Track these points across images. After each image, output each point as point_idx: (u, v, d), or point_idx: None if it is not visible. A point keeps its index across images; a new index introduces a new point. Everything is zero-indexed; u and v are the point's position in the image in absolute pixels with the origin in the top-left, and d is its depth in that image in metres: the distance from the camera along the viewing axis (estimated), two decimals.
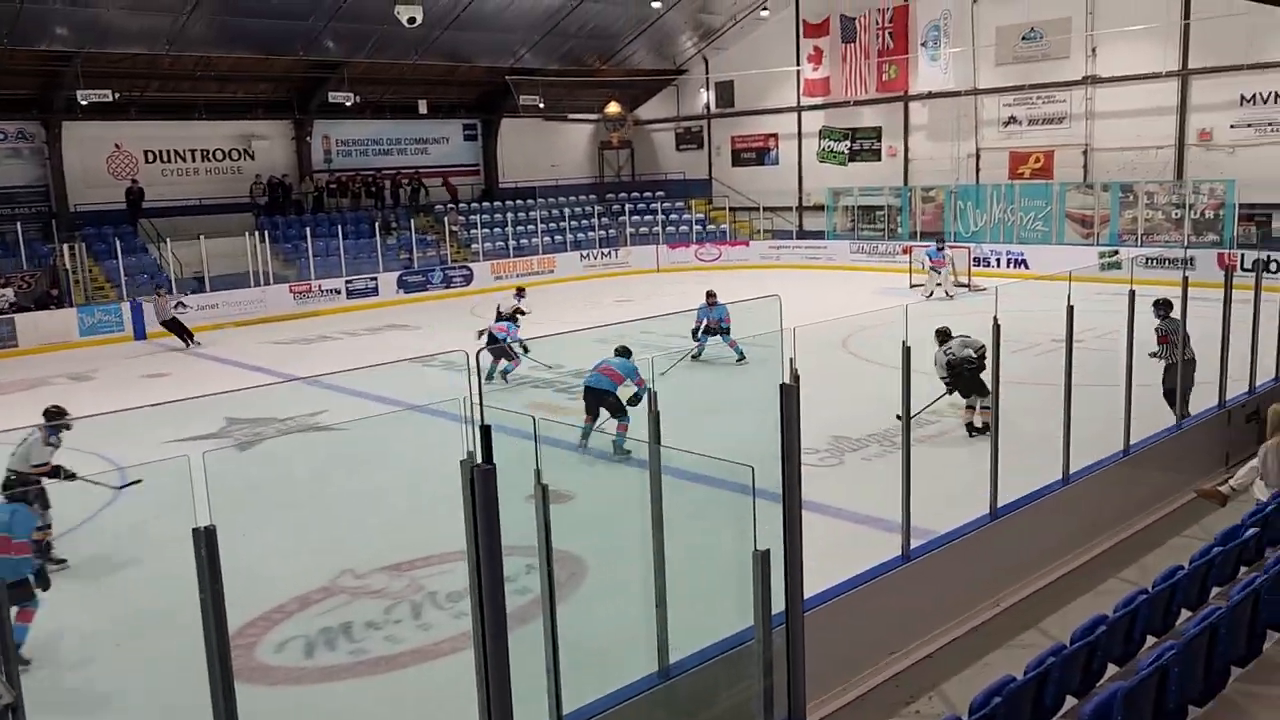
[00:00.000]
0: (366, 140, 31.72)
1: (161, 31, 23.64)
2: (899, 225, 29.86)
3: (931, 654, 6.73)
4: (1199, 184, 24.45)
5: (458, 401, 4.12)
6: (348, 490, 10.41)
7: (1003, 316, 7.56)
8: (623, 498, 8.28)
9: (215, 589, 3.26)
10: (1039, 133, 27.45)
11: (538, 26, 28.86)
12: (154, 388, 17.20)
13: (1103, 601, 6.77)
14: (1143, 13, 24.46)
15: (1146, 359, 9.11)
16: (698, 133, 35.78)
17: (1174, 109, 24.91)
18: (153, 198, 26.90)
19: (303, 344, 21.15)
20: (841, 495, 9.53)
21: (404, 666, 6.95)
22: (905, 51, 29.27)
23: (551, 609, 4.34)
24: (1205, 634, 4.30)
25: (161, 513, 4.32)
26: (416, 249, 28.80)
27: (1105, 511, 8.58)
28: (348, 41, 26.80)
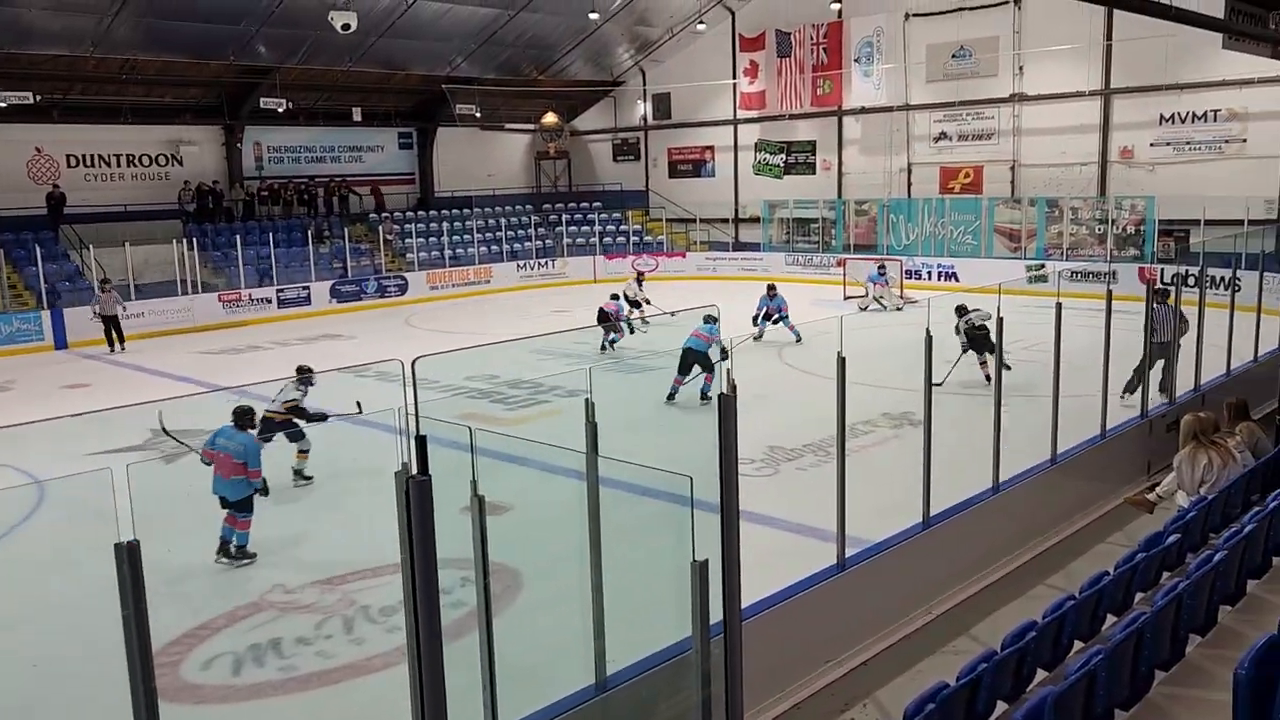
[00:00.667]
0: (299, 147, 31.22)
1: (85, 33, 23.02)
2: (833, 238, 30.28)
3: (866, 662, 6.79)
4: (1121, 200, 25.22)
5: (392, 412, 4.06)
6: (278, 502, 10.18)
7: (934, 328, 7.69)
8: (560, 509, 8.23)
9: (138, 606, 3.15)
10: (968, 148, 28.06)
11: (474, 35, 28.72)
12: (75, 398, 16.68)
13: (1032, 607, 6.90)
14: (1067, 33, 25.18)
15: (1074, 369, 9.34)
16: (635, 144, 35.90)
17: (1097, 127, 25.68)
18: (75, 203, 26.10)
19: (232, 354, 20.71)
20: (777, 505, 9.60)
21: (336, 682, 6.82)
22: (839, 67, 29.74)
23: (487, 622, 4.29)
24: (1131, 639, 4.40)
25: (82, 527, 4.18)
26: (350, 258, 28.41)
27: (1034, 519, 8.77)
28: (280, 47, 26.38)
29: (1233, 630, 5.14)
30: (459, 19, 27.45)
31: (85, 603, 7.42)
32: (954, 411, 10.24)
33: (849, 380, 6.85)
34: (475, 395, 15.24)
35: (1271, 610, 5.14)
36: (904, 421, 12.21)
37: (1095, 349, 10.10)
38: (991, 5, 26.52)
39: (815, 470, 10.77)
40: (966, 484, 8.31)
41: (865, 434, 11.84)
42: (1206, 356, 11.47)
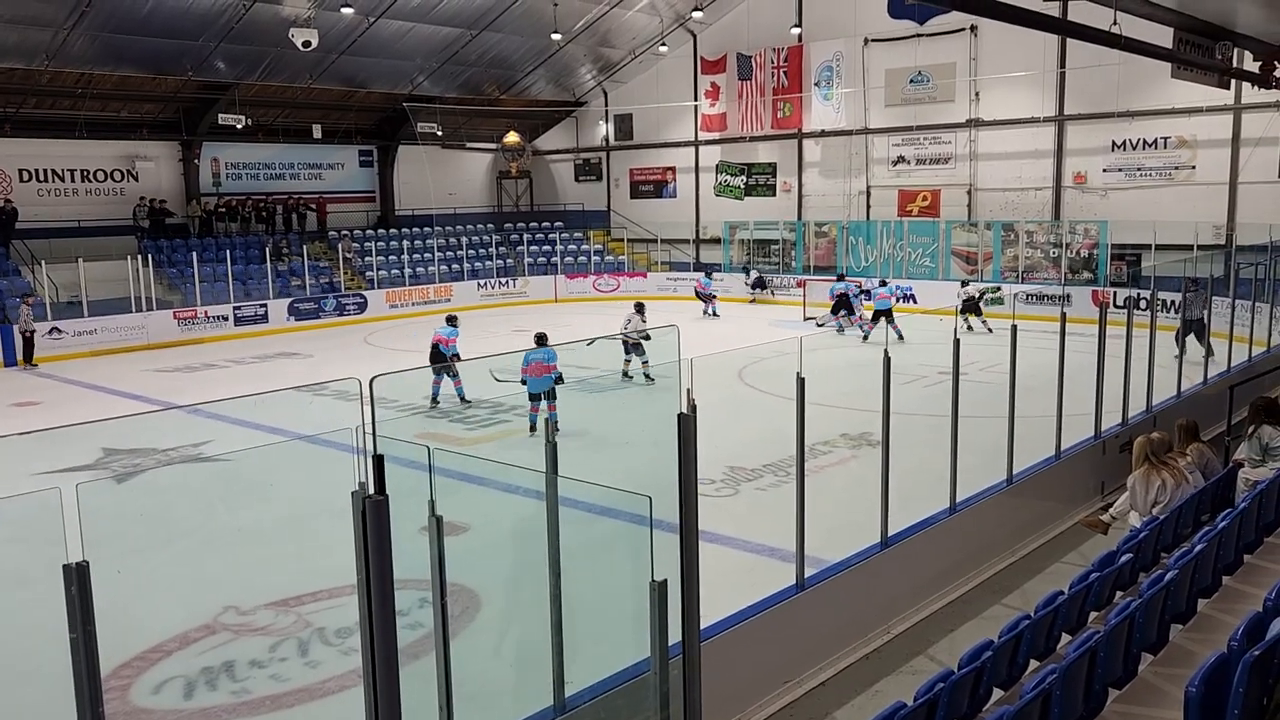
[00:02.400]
0: (258, 164, 30.95)
1: (40, 46, 22.69)
2: (793, 259, 30.51)
3: (825, 681, 6.81)
4: (1075, 224, 25.69)
5: (349, 431, 4.02)
6: (232, 524, 10.04)
7: (892, 349, 7.77)
8: (518, 529, 8.19)
9: (87, 629, 3.08)
10: (926, 172, 28.47)
11: (436, 54, 28.70)
12: (24, 416, 16.34)
13: (988, 627, 6.97)
14: (1022, 61, 25.68)
15: (1029, 390, 9.47)
16: (596, 164, 36.01)
17: (1051, 153, 26.17)
18: (27, 218, 25.63)
19: (187, 372, 20.40)
20: (736, 525, 9.61)
21: (290, 706, 6.71)
22: (799, 90, 30.06)
23: (444, 643, 4.24)
24: (1085, 657, 4.45)
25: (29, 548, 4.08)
26: (309, 276, 28.15)
27: (990, 539, 8.86)
28: (240, 63, 26.17)
29: (1184, 649, 5.22)
30: (421, 37, 27.42)
31: (32, 625, 7.25)
32: (912, 432, 10.32)
33: (808, 401, 6.89)
34: (434, 415, 15.15)
35: (1221, 629, 5.22)
36: (862, 442, 12.29)
37: (1049, 370, 10.26)
38: (948, 32, 26.99)
39: (775, 490, 10.81)
40: (924, 504, 8.38)
41: (824, 454, 11.91)
42: (1157, 377, 11.69)
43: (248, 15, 23.46)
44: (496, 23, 27.57)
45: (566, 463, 5.35)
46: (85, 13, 21.72)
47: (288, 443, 10.97)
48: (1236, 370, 13.90)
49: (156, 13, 22.62)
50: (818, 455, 11.51)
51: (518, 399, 14.56)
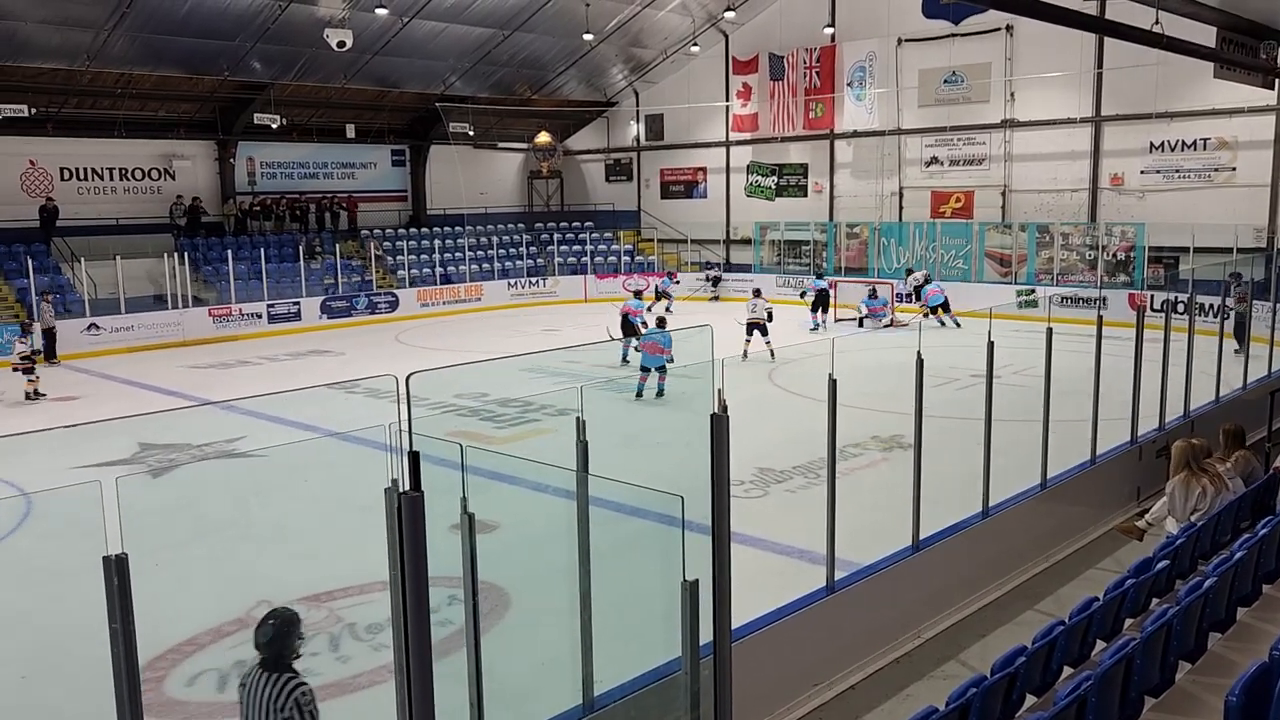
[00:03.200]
0: (292, 163, 31.24)
1: (82, 47, 23.03)
2: (824, 260, 30.37)
3: (855, 685, 6.77)
4: (1111, 227, 25.38)
5: (383, 428, 4.05)
6: (265, 519, 10.13)
7: (925, 351, 7.71)
8: (548, 528, 8.21)
9: (126, 620, 3.12)
10: (960, 173, 28.24)
11: (468, 54, 28.84)
12: (64, 411, 16.59)
13: (1021, 632, 6.90)
14: (1058, 61, 25.41)
15: (1063, 394, 9.36)
16: (627, 164, 36.02)
17: (1088, 154, 25.87)
18: (68, 216, 26.05)
19: (221, 369, 20.63)
20: (766, 527, 9.58)
21: (321, 700, 6.72)
22: (831, 91, 29.93)
23: (475, 641, 4.26)
24: (1121, 665, 4.39)
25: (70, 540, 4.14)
26: (341, 274, 28.38)
27: (1023, 544, 8.77)
28: (275, 63, 26.43)
29: (1223, 657, 5.14)
30: (454, 38, 27.57)
31: (72, 615, 7.37)
32: (944, 435, 10.24)
33: (839, 402, 6.85)
34: (465, 413, 15.22)
35: (1262, 638, 5.14)
36: (894, 444, 12.21)
37: (1085, 374, 10.14)
38: (984, 32, 26.75)
39: (804, 492, 10.76)
40: (956, 508, 8.30)
41: (855, 456, 11.84)
42: (1196, 384, 11.53)
43: (283, 16, 23.69)
44: (529, 23, 27.65)
45: (595, 463, 5.36)
46: (125, 14, 22.02)
47: (320, 439, 11.06)
48: (1277, 375, 13.67)
49: (194, 14, 22.90)
50: (848, 457, 11.45)
51: (548, 399, 14.60)
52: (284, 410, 14.97)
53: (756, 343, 19.12)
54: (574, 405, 5.44)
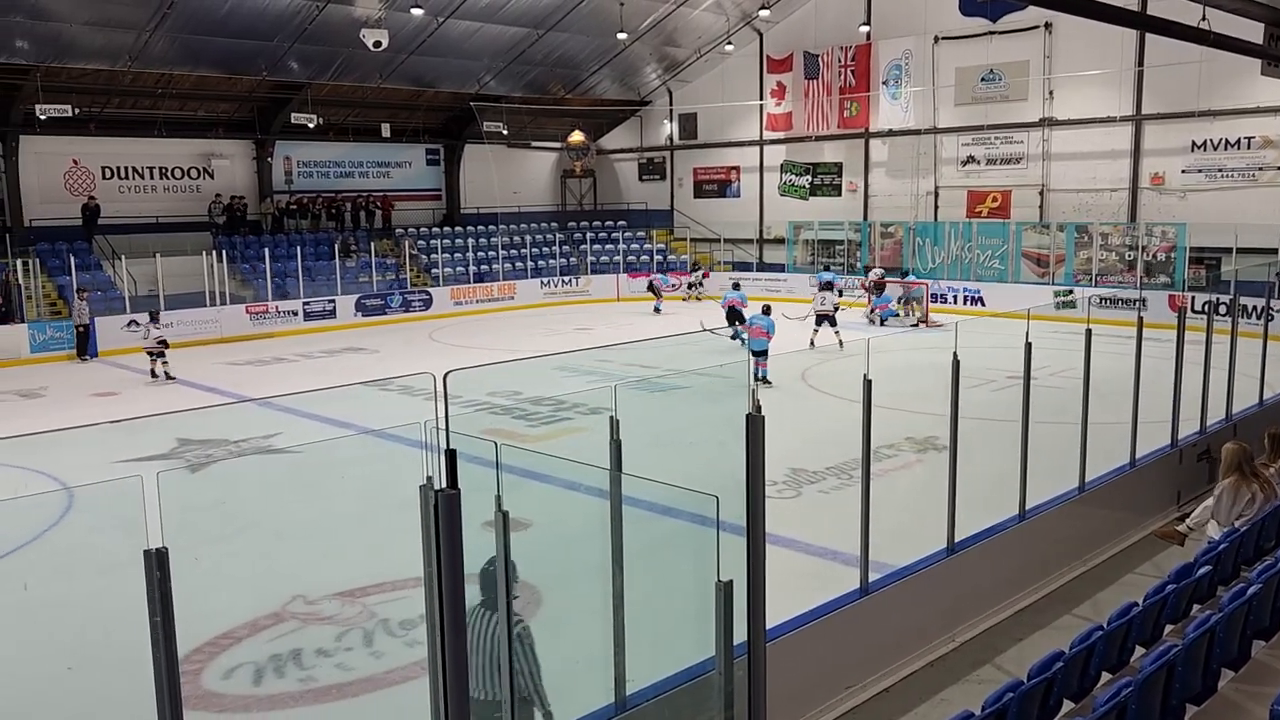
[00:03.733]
0: (328, 162, 31.53)
1: (123, 48, 23.38)
2: (858, 260, 30.19)
3: (889, 688, 6.72)
4: (1152, 227, 25.02)
5: (418, 426, 4.06)
6: (300, 514, 10.23)
7: (960, 352, 7.63)
8: (580, 527, 8.22)
9: (166, 613, 3.16)
10: (997, 172, 27.96)
11: (503, 54, 28.95)
12: (104, 406, 16.84)
13: (1058, 637, 6.81)
14: (1098, 59, 25.09)
15: (1102, 396, 9.24)
16: (660, 163, 36.01)
17: (1128, 153, 25.52)
18: (109, 214, 26.48)
19: (257, 365, 20.86)
20: (799, 528, 9.53)
21: (355, 695, 6.81)
22: (867, 89, 29.74)
23: (509, 637, 4.26)
24: (1162, 671, 4.32)
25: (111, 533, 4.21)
26: (376, 273, 28.61)
27: (1060, 547, 8.66)
28: (312, 63, 26.69)
29: (1268, 665, 5.05)
30: (488, 37, 27.68)
31: (113, 607, 7.48)
32: (979, 437, 10.15)
33: (873, 403, 6.80)
34: (498, 411, 15.28)
35: None
36: (928, 446, 12.12)
37: (1124, 376, 10.00)
38: (1022, 29, 26.47)
39: (837, 493, 10.70)
40: (991, 510, 8.22)
41: (889, 457, 11.75)
42: (1238, 386, 11.33)
43: (320, 16, 23.91)
44: (563, 22, 27.72)
45: (627, 462, 5.35)
46: (166, 15, 22.33)
47: (355, 436, 11.15)
48: None
49: (234, 14, 23.17)
50: (882, 458, 11.37)
51: (580, 397, 14.64)
52: (319, 407, 15.11)
53: (825, 334, 20.17)
54: (606, 404, 5.44)
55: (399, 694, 6.66)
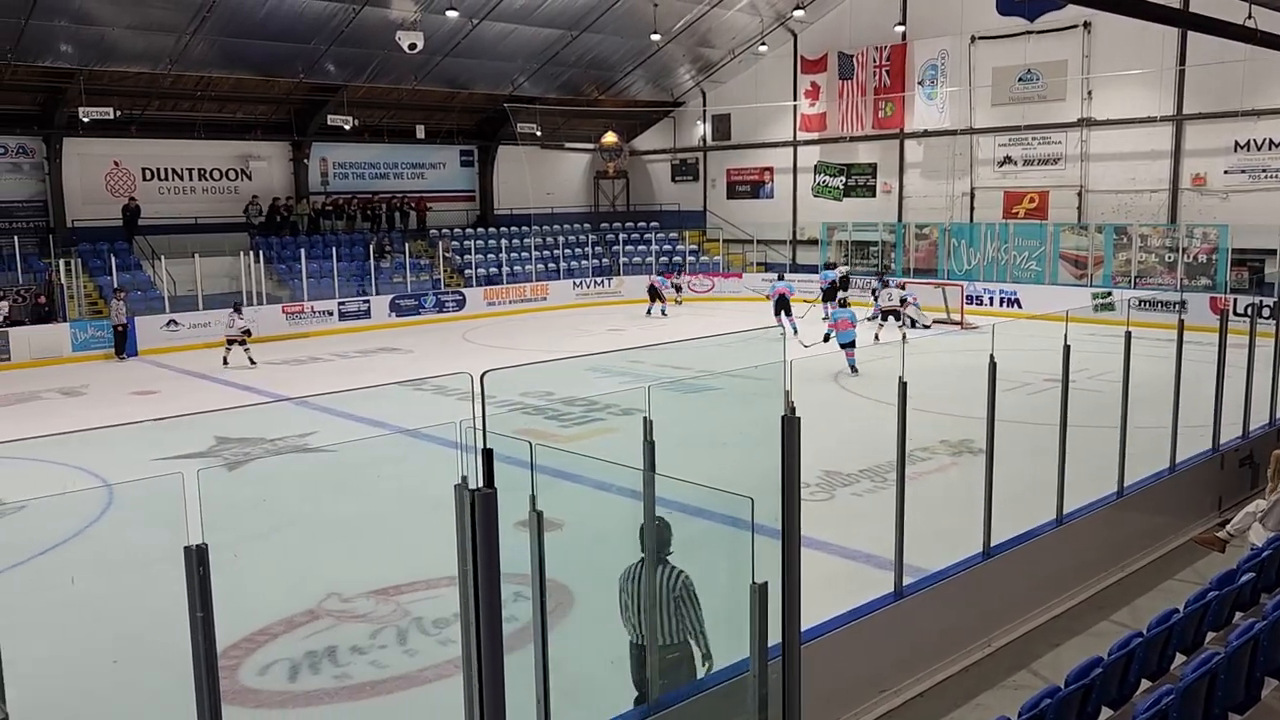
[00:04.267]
0: (363, 164, 31.79)
1: (164, 51, 23.72)
2: (893, 261, 29.99)
3: (923, 693, 6.66)
4: (1193, 228, 24.64)
5: (453, 425, 4.08)
6: (335, 513, 10.32)
7: (996, 355, 7.56)
8: (612, 528, 8.22)
9: (206, 608, 3.20)
10: (1034, 173, 27.66)
11: (537, 55, 29.05)
12: (143, 404, 17.09)
13: (1096, 643, 6.72)
14: (1138, 58, 24.75)
15: (1141, 400, 9.11)
16: (693, 164, 35.97)
17: (1168, 153, 25.16)
18: (149, 215, 26.87)
19: (293, 365, 21.07)
20: (832, 530, 9.47)
21: (389, 692, 6.86)
22: (902, 89, 29.54)
23: (543, 637, 4.27)
24: (1204, 679, 4.25)
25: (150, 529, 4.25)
26: (410, 273, 28.80)
27: (1098, 553, 8.55)
28: (349, 66, 26.92)
29: None
30: (523, 39, 27.79)
31: (151, 602, 7.58)
32: (1015, 440, 10.03)
33: (907, 406, 6.75)
34: (531, 411, 15.32)
35: None
36: (963, 449, 12.01)
37: (1164, 379, 9.86)
38: (1060, 29, 26.17)
39: (871, 496, 10.63)
40: (1028, 515, 8.13)
41: (923, 460, 11.66)
42: None
43: (357, 19, 24.12)
44: (597, 24, 27.77)
45: (659, 463, 5.35)
46: (206, 18, 22.62)
47: (389, 435, 11.23)
48: None
49: (272, 18, 23.43)
50: (916, 462, 11.27)
51: (612, 398, 14.66)
52: (354, 406, 15.24)
53: (889, 328, 21.36)
54: (638, 405, 5.43)
55: (433, 692, 6.70)
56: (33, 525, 8.64)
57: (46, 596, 7.89)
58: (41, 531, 8.80)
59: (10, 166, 25.37)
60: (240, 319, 21.56)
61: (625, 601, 5.43)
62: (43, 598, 7.86)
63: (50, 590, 8.16)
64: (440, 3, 23.62)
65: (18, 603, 7.64)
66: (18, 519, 8.61)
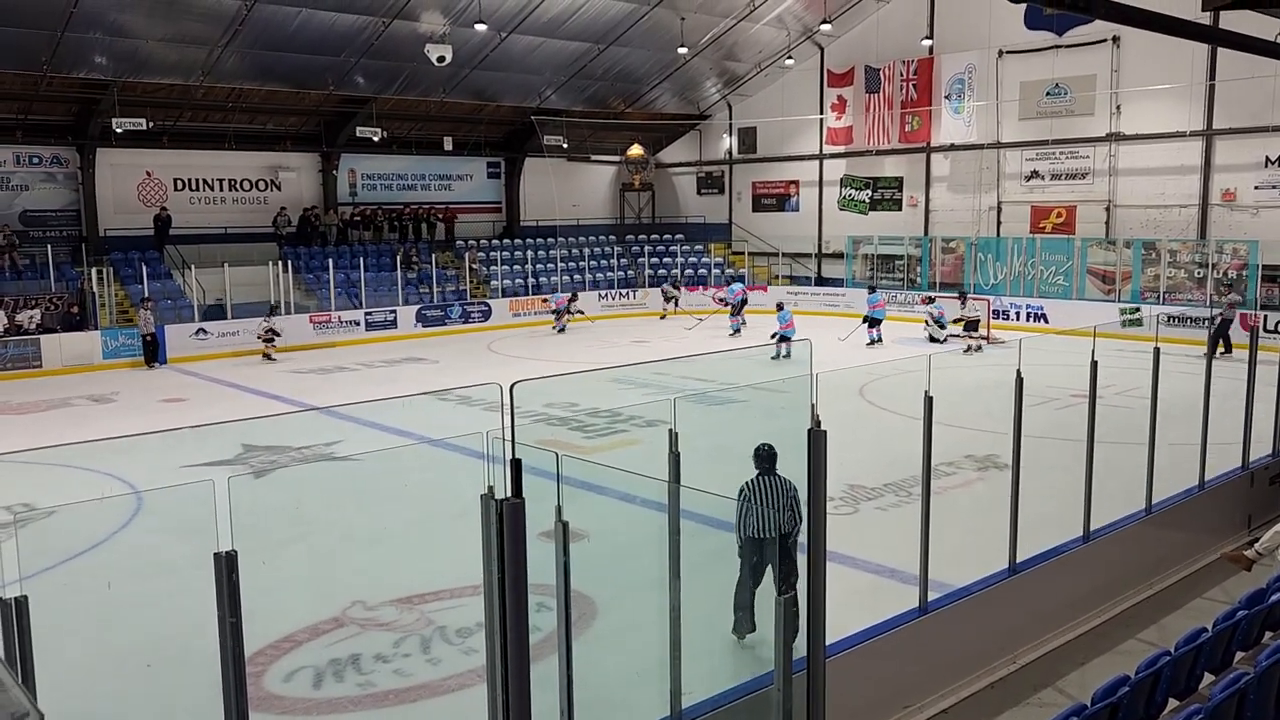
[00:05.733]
0: (391, 175, 32.06)
1: (197, 63, 24.04)
2: (918, 275, 29.87)
3: (947, 709, 6.62)
4: (1222, 244, 24.40)
5: (474, 436, 4.11)
6: (360, 521, 10.38)
7: (1024, 370, 7.52)
8: (637, 539, 8.22)
9: (235, 614, 3.24)
10: (1061, 187, 27.50)
11: (564, 68, 29.22)
12: (173, 412, 17.27)
13: (1122, 662, 6.67)
14: (1168, 72, 24.57)
15: (1170, 417, 9.03)
16: (719, 177, 36.01)
17: (1198, 168, 24.94)
18: (180, 225, 27.19)
19: (320, 374, 21.23)
20: (856, 544, 9.43)
21: (412, 701, 6.89)
22: (929, 103, 29.47)
23: (568, 648, 4.29)
24: (1233, 699, 4.21)
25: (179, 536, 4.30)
26: (436, 284, 28.99)
27: (1126, 570, 8.47)
28: (378, 78, 27.19)
29: None
30: (550, 52, 27.96)
31: (178, 608, 7.66)
32: (1042, 456, 9.97)
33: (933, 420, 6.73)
34: (555, 422, 15.36)
35: None
36: (989, 464, 11.93)
37: (1192, 396, 9.77)
38: (1089, 43, 26.03)
39: (896, 510, 10.58)
40: (1054, 531, 8.07)
41: (948, 475, 11.59)
42: None
43: (387, 32, 24.36)
44: (624, 37, 27.90)
45: (684, 475, 5.36)
46: (238, 31, 22.92)
47: (415, 445, 11.29)
48: None
49: (302, 30, 23.71)
50: (941, 476, 11.20)
51: (636, 410, 14.68)
52: (379, 416, 15.33)
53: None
54: (662, 417, 5.45)
55: (455, 701, 6.72)
56: (64, 530, 8.75)
57: (76, 601, 7.98)
58: (72, 537, 8.90)
59: (45, 176, 25.78)
60: (267, 321, 23.24)
61: (744, 507, 6.76)
62: (72, 601, 7.94)
63: (80, 594, 8.25)
64: (469, 16, 23.83)
65: (49, 606, 7.73)
66: (49, 523, 8.73)
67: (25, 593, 3.64)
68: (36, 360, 21.79)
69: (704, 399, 16.07)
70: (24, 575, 3.92)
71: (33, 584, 6.96)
